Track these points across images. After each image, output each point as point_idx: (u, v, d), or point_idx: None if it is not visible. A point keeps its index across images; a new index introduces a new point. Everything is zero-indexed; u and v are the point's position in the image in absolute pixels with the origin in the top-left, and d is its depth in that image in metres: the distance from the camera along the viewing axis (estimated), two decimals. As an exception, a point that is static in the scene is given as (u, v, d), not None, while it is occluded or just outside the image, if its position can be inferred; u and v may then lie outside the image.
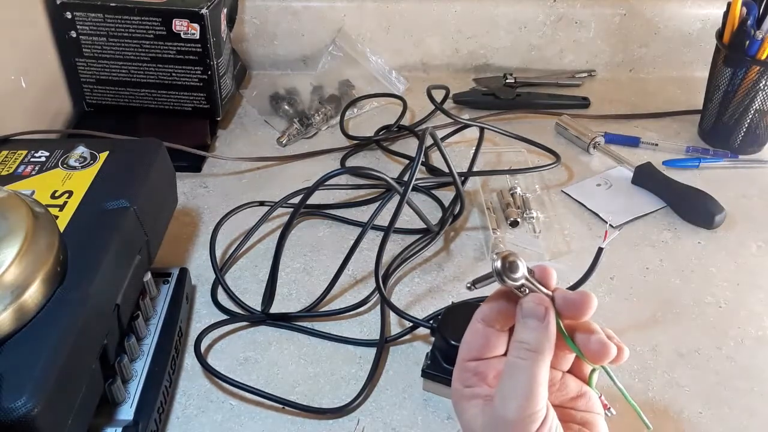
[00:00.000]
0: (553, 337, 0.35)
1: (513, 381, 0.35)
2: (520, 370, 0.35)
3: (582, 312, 0.36)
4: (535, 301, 0.36)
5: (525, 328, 0.36)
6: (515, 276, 0.35)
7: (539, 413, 0.34)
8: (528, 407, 0.34)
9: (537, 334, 0.35)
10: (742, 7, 0.80)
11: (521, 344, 0.35)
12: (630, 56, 1.04)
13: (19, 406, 0.39)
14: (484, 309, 0.38)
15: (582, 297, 0.36)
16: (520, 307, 0.36)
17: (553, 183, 0.83)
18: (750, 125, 0.85)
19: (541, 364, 0.35)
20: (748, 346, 0.63)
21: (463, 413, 0.38)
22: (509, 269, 0.35)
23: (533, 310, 0.36)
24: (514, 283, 0.35)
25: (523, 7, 1.00)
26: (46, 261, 0.45)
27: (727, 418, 0.57)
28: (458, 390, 0.38)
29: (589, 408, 0.38)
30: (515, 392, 0.34)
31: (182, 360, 0.61)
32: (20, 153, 0.61)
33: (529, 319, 0.35)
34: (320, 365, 0.61)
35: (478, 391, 0.37)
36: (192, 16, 0.80)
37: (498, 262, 0.35)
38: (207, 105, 0.87)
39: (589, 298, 0.36)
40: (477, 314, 0.38)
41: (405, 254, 0.71)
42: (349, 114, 0.94)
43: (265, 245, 0.74)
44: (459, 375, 0.39)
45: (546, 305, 0.36)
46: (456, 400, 0.39)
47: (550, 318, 0.35)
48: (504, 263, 0.35)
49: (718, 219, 0.75)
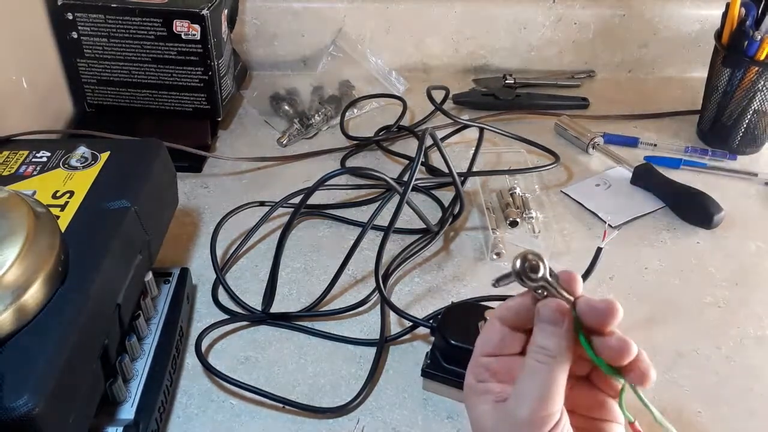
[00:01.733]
0: (569, 344, 0.35)
1: (530, 382, 0.35)
2: (537, 373, 0.35)
3: (606, 320, 0.35)
4: (551, 306, 0.35)
5: (542, 333, 0.35)
6: (535, 277, 0.35)
7: (552, 416, 0.34)
8: (542, 409, 0.34)
9: (554, 339, 0.35)
10: (741, 7, 0.80)
11: (539, 348, 0.35)
12: (629, 57, 1.05)
13: (20, 405, 0.39)
14: (503, 309, 0.38)
15: (607, 305, 0.35)
16: (537, 311, 0.36)
17: (552, 183, 0.83)
18: (749, 125, 0.85)
19: (558, 370, 0.34)
20: (747, 346, 0.63)
21: (473, 407, 0.38)
22: (529, 269, 0.34)
23: (549, 315, 0.35)
24: (533, 284, 0.35)
25: (522, 8, 1.00)
26: (48, 261, 0.45)
27: (727, 418, 0.57)
28: (471, 384, 0.39)
29: (603, 416, 0.38)
30: (531, 394, 0.34)
31: (183, 359, 0.61)
32: (22, 153, 0.61)
33: (545, 323, 0.35)
34: (320, 365, 0.61)
35: (491, 387, 0.37)
36: (193, 17, 0.80)
37: (518, 261, 0.34)
38: (208, 105, 0.88)
39: (614, 306, 0.34)
40: (495, 312, 0.39)
41: (405, 254, 0.72)
42: (349, 114, 0.95)
43: (265, 245, 0.74)
44: (473, 369, 0.39)
45: (563, 311, 0.35)
46: (468, 394, 0.39)
47: (567, 324, 0.35)
48: (524, 263, 0.34)
49: (717, 219, 0.76)
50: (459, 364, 0.56)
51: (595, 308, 0.35)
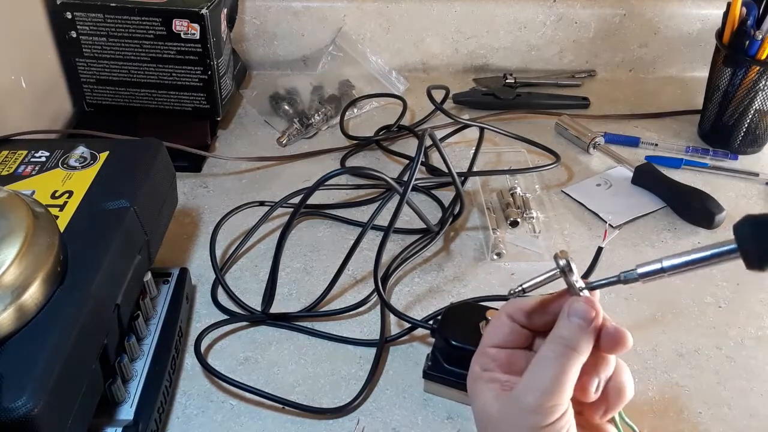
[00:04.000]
0: (592, 341, 0.36)
1: (541, 371, 0.36)
2: (550, 362, 0.35)
3: (615, 346, 0.36)
4: (587, 302, 0.37)
5: (567, 325, 0.36)
6: (574, 277, 0.37)
7: (559, 407, 0.35)
8: (550, 399, 0.34)
9: (579, 332, 0.36)
10: (742, 7, 0.80)
11: (559, 339, 0.36)
12: (630, 56, 1.04)
13: (19, 405, 0.39)
14: (514, 308, 0.40)
15: (619, 332, 0.36)
16: (569, 305, 0.37)
17: (553, 183, 0.83)
18: (750, 125, 0.85)
19: (574, 361, 0.35)
20: (748, 346, 0.63)
21: (477, 395, 0.39)
22: (568, 268, 0.37)
23: (584, 310, 0.36)
24: (577, 284, 0.37)
25: (522, 7, 1.00)
26: (47, 261, 0.45)
27: (727, 418, 0.57)
28: (476, 372, 0.39)
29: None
30: (541, 382, 0.35)
31: (182, 360, 0.61)
32: (20, 153, 0.61)
33: (575, 317, 0.36)
34: (320, 365, 0.61)
35: (497, 376, 0.38)
36: (192, 16, 0.80)
37: (561, 260, 0.37)
38: (207, 105, 0.87)
39: (626, 337, 0.36)
40: (505, 308, 0.40)
41: (405, 254, 0.71)
42: (349, 114, 0.95)
43: (265, 245, 0.74)
44: (478, 359, 0.40)
45: (598, 309, 0.36)
46: (472, 382, 0.39)
47: (597, 322, 0.36)
48: (568, 263, 0.37)
49: (718, 219, 0.75)
50: (460, 365, 0.55)
51: (607, 331, 0.37)
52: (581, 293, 0.38)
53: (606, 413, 0.39)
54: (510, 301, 0.40)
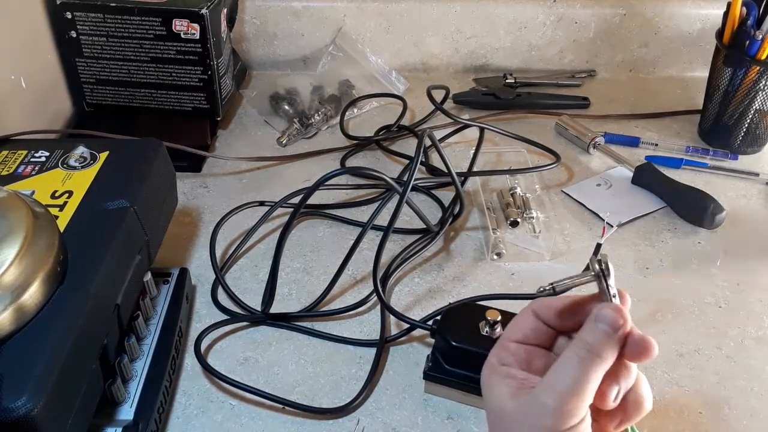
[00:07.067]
0: (617, 349, 0.35)
1: (562, 374, 0.35)
2: (573, 366, 0.35)
3: (639, 354, 0.35)
4: (616, 310, 0.36)
5: (594, 331, 0.36)
6: (611, 281, 0.37)
7: (578, 412, 0.34)
8: (570, 402, 0.34)
9: (604, 339, 0.35)
10: (742, 7, 0.80)
11: (584, 343, 0.35)
12: (630, 56, 1.04)
13: (19, 406, 0.39)
14: (541, 306, 0.39)
15: (645, 341, 0.35)
16: (598, 310, 0.36)
17: (553, 183, 0.83)
18: (750, 125, 0.85)
19: (597, 367, 0.35)
20: (748, 346, 0.63)
21: (492, 389, 0.38)
22: (607, 271, 0.37)
23: (612, 317, 0.35)
24: (611, 287, 0.37)
25: (523, 7, 1.00)
26: (46, 261, 0.45)
27: (727, 418, 0.57)
28: (493, 365, 0.39)
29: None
30: (563, 384, 0.35)
31: (182, 360, 0.61)
32: (20, 153, 0.61)
33: (602, 323, 0.35)
34: (320, 365, 0.61)
35: (514, 372, 0.38)
36: (192, 16, 0.80)
37: (601, 264, 0.37)
38: (207, 105, 0.87)
39: (651, 345, 0.35)
40: (532, 305, 0.40)
41: (405, 254, 0.71)
42: (349, 114, 0.94)
43: (265, 245, 0.74)
44: (497, 351, 0.39)
45: (626, 318, 0.35)
46: (488, 374, 0.39)
47: (624, 330, 0.35)
48: (607, 266, 0.37)
49: (719, 219, 0.75)
50: (461, 366, 0.55)
51: (632, 338, 0.36)
52: (612, 300, 0.37)
53: (621, 424, 0.38)
54: (538, 299, 0.40)
